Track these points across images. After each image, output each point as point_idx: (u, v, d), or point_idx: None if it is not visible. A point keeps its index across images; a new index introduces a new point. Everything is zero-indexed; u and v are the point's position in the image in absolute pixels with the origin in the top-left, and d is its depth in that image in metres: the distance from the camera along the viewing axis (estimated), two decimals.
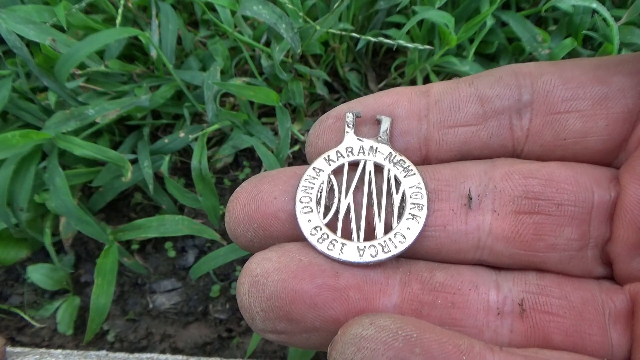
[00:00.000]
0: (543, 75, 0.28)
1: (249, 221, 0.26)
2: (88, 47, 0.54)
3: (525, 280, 0.26)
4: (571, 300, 0.25)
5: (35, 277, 0.61)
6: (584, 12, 0.60)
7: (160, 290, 0.64)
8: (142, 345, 0.62)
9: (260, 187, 0.27)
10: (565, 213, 0.26)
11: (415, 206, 0.26)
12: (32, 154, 0.55)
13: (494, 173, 0.27)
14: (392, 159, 0.28)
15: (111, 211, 0.67)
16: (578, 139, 0.27)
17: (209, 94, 0.60)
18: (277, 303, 0.24)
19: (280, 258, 0.25)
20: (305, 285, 0.24)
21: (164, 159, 0.61)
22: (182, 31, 0.66)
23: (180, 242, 0.66)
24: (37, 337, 0.62)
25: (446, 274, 0.26)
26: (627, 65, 0.27)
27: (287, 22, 0.57)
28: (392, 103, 0.29)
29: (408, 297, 0.25)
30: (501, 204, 0.26)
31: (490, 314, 0.25)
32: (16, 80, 0.58)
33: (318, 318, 0.24)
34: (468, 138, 0.28)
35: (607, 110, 0.27)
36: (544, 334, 0.25)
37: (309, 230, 0.26)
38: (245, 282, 0.25)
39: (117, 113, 0.58)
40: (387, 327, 0.22)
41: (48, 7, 0.59)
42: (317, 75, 0.67)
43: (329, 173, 0.28)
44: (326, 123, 0.29)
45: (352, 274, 0.25)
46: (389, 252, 0.25)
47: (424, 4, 0.62)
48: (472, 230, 0.26)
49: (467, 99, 0.28)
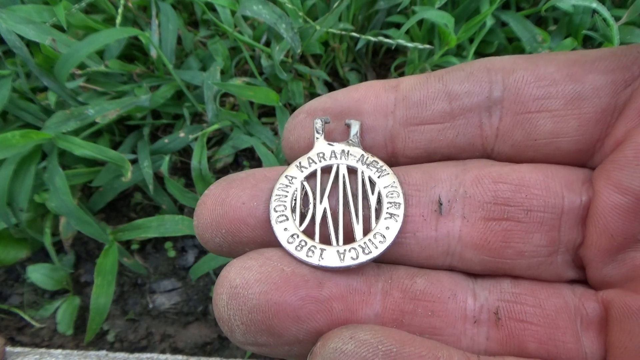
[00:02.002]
0: (515, 72, 0.27)
1: (216, 227, 0.25)
2: (88, 47, 0.54)
3: (501, 288, 0.26)
4: (545, 308, 0.25)
5: (35, 277, 0.61)
6: (584, 12, 0.60)
7: (160, 290, 0.64)
8: (142, 345, 0.62)
9: (228, 192, 0.26)
10: (534, 219, 0.25)
11: (392, 205, 0.26)
12: (32, 154, 0.55)
13: (465, 177, 0.27)
14: (364, 160, 0.27)
15: (111, 211, 0.67)
16: (549, 140, 0.26)
17: (209, 94, 0.60)
18: (259, 317, 0.23)
19: (262, 267, 0.24)
20: (289, 297, 0.23)
21: (164, 159, 0.61)
22: (182, 31, 0.66)
23: (180, 242, 0.66)
24: (37, 337, 0.62)
25: (426, 280, 0.25)
26: (603, 63, 0.26)
27: (287, 22, 0.57)
28: (359, 98, 0.28)
29: (390, 306, 0.25)
30: (471, 210, 0.26)
31: (467, 322, 0.25)
32: (16, 80, 0.58)
33: (301, 331, 0.24)
34: (434, 137, 0.27)
35: (580, 110, 0.26)
36: (519, 342, 0.25)
37: (285, 238, 0.25)
38: (224, 294, 0.24)
39: (117, 113, 0.58)
40: (367, 341, 0.22)
41: (48, 7, 0.59)
42: (317, 75, 0.67)
43: (301, 180, 0.27)
44: (298, 118, 0.29)
45: (335, 284, 0.24)
46: (370, 254, 0.25)
47: (424, 4, 0.62)
48: (442, 237, 0.26)
49: (435, 95, 0.27)
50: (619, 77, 0.25)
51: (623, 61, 0.25)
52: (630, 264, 0.24)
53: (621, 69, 0.25)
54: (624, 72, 0.25)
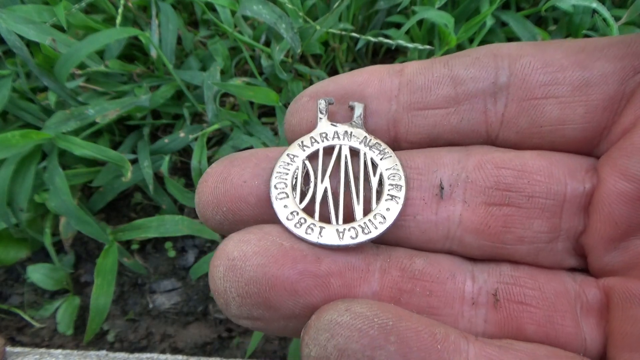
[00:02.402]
0: (522, 58, 0.26)
1: (217, 204, 0.25)
2: (88, 47, 0.54)
3: (500, 271, 0.26)
4: (544, 291, 0.25)
5: (35, 277, 0.61)
6: (584, 12, 0.60)
7: (160, 290, 0.64)
8: (142, 345, 0.62)
9: (230, 170, 0.26)
10: (535, 205, 0.25)
11: (393, 187, 0.26)
12: (32, 154, 0.55)
13: (467, 162, 0.26)
14: (367, 142, 0.27)
15: (111, 211, 0.67)
16: (555, 127, 0.26)
17: (209, 94, 0.60)
18: (255, 289, 0.23)
19: (260, 241, 0.24)
20: (287, 270, 0.23)
21: (164, 159, 0.61)
22: (182, 31, 0.66)
23: (180, 242, 0.66)
24: (37, 337, 0.62)
25: (425, 261, 0.25)
26: (612, 49, 0.25)
27: (287, 22, 0.57)
28: (363, 82, 0.28)
29: (388, 284, 0.25)
30: (472, 194, 0.26)
31: (465, 303, 0.25)
32: (16, 80, 0.58)
33: (297, 305, 0.23)
34: (437, 121, 0.27)
35: (587, 96, 0.25)
36: (517, 325, 0.24)
37: (285, 215, 0.25)
38: (221, 266, 0.24)
39: (117, 113, 0.58)
40: (363, 314, 0.21)
41: (48, 7, 0.59)
42: (317, 75, 0.67)
43: (303, 159, 0.27)
44: (300, 101, 0.29)
45: (334, 260, 0.24)
46: (370, 234, 0.25)
47: (424, 4, 0.62)
48: (442, 221, 0.26)
49: (439, 80, 0.27)
50: (628, 64, 0.25)
51: (632, 48, 0.25)
52: (634, 252, 0.24)
53: (630, 56, 0.25)
54: (632, 59, 0.25)
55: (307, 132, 0.28)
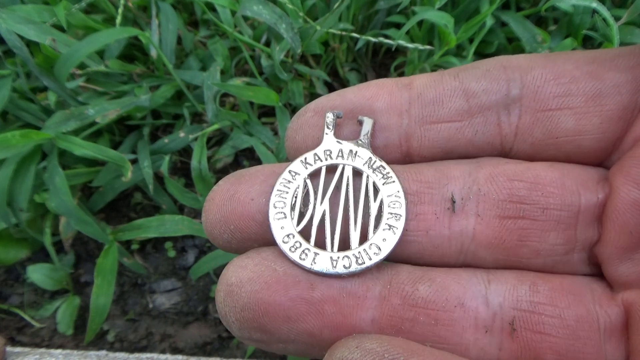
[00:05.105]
0: (533, 69, 0.26)
1: (225, 223, 0.25)
2: (88, 47, 0.54)
3: (517, 296, 0.25)
4: (565, 319, 0.24)
5: (35, 277, 0.61)
6: (584, 11, 0.60)
7: (160, 290, 0.64)
8: (142, 345, 0.62)
9: (236, 187, 0.26)
10: (550, 217, 0.25)
11: (392, 216, 0.25)
12: (32, 154, 0.55)
13: (479, 175, 0.26)
14: (371, 164, 0.26)
15: (111, 211, 0.67)
16: (571, 138, 0.26)
17: (208, 94, 0.60)
18: (250, 315, 0.23)
19: (256, 267, 0.24)
20: (278, 297, 0.23)
21: (164, 159, 0.61)
22: (182, 31, 0.66)
23: (180, 242, 0.66)
24: (37, 337, 0.62)
25: (429, 288, 0.24)
26: (622, 60, 0.26)
27: (287, 22, 0.57)
28: (371, 96, 0.27)
29: (387, 312, 0.24)
30: (485, 207, 0.25)
31: (478, 331, 0.24)
32: (16, 80, 0.58)
33: (292, 331, 0.24)
34: (452, 135, 0.27)
35: (602, 107, 0.25)
36: (535, 354, 0.24)
37: (281, 237, 0.25)
38: (221, 291, 0.24)
39: (117, 113, 0.58)
40: (374, 350, 0.21)
41: (48, 7, 0.59)
42: (317, 75, 0.67)
43: (305, 177, 0.26)
44: (304, 117, 0.28)
45: (329, 286, 0.24)
46: (363, 264, 0.24)
47: (423, 4, 0.62)
48: (455, 236, 0.25)
49: (451, 93, 0.27)
50: (639, 75, 0.25)
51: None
52: None
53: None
54: None
55: (311, 149, 0.27)
